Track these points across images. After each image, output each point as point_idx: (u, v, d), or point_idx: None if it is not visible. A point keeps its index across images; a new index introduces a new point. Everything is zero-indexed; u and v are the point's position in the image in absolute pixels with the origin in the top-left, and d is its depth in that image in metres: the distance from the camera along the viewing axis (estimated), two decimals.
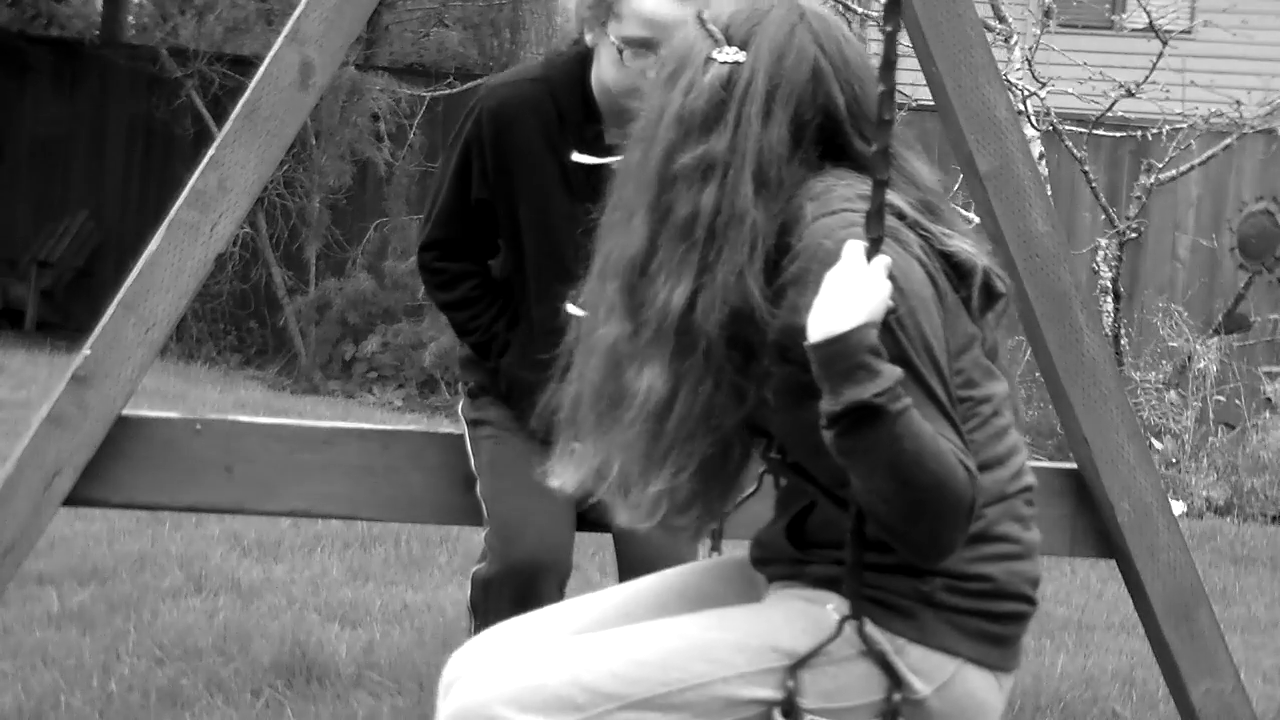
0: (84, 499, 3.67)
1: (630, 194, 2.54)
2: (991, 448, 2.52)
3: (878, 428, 2.30)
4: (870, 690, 2.48)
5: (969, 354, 2.51)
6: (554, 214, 3.71)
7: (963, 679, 2.49)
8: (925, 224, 2.51)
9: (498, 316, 3.86)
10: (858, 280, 2.35)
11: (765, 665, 2.48)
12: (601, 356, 2.55)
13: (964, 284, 2.52)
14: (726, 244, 2.44)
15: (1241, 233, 12.84)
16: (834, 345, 2.32)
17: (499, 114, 3.74)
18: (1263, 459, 10.18)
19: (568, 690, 2.46)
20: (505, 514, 3.67)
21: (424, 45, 19.04)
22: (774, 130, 2.47)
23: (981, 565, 2.49)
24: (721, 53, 2.50)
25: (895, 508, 2.34)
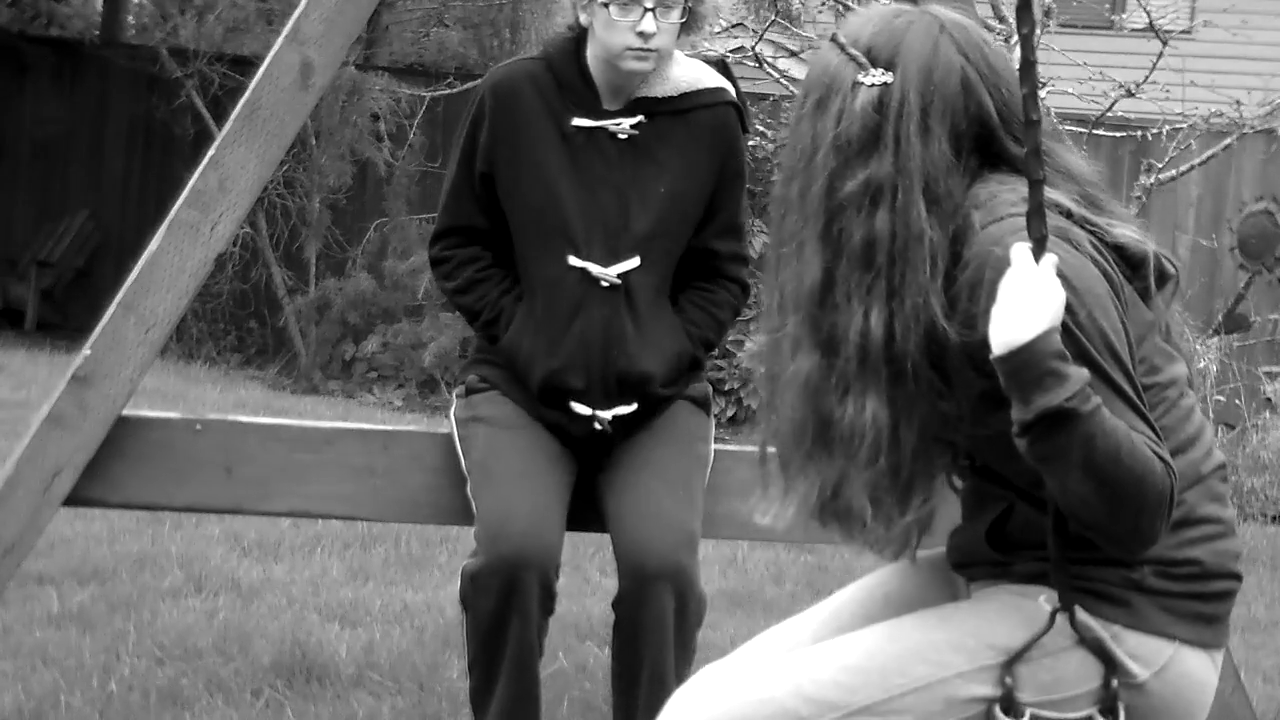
0: (84, 499, 3.67)
1: (796, 227, 2.53)
2: (1182, 430, 2.52)
3: (1071, 431, 2.30)
4: (1088, 679, 2.48)
5: (1149, 341, 2.51)
6: (554, 172, 3.82)
7: (1180, 660, 2.50)
8: (1091, 218, 2.51)
9: (505, 293, 3.91)
10: (1032, 285, 2.34)
11: (983, 662, 2.48)
12: (798, 391, 2.54)
13: (1137, 273, 2.52)
14: (909, 267, 2.43)
15: (1241, 233, 12.84)
16: (1019, 355, 2.32)
17: (499, 87, 3.88)
18: (1263, 459, 10.18)
19: (792, 702, 2.49)
20: (492, 507, 3.69)
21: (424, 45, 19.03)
22: (935, 146, 2.46)
23: (1189, 549, 2.49)
24: (868, 76, 2.49)
25: (1096, 507, 2.34)
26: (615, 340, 3.81)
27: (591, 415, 3.81)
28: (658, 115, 3.87)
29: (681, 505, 3.75)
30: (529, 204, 3.85)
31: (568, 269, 3.81)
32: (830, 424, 2.50)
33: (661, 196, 3.84)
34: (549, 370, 3.81)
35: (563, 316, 3.82)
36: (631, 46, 3.76)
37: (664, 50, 3.81)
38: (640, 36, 3.75)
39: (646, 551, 3.68)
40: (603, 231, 3.82)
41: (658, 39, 3.77)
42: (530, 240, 3.87)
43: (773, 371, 2.59)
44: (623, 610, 3.73)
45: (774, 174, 10.39)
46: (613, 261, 3.82)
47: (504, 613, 3.65)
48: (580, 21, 3.85)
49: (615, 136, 3.84)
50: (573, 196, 3.83)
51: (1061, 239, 2.41)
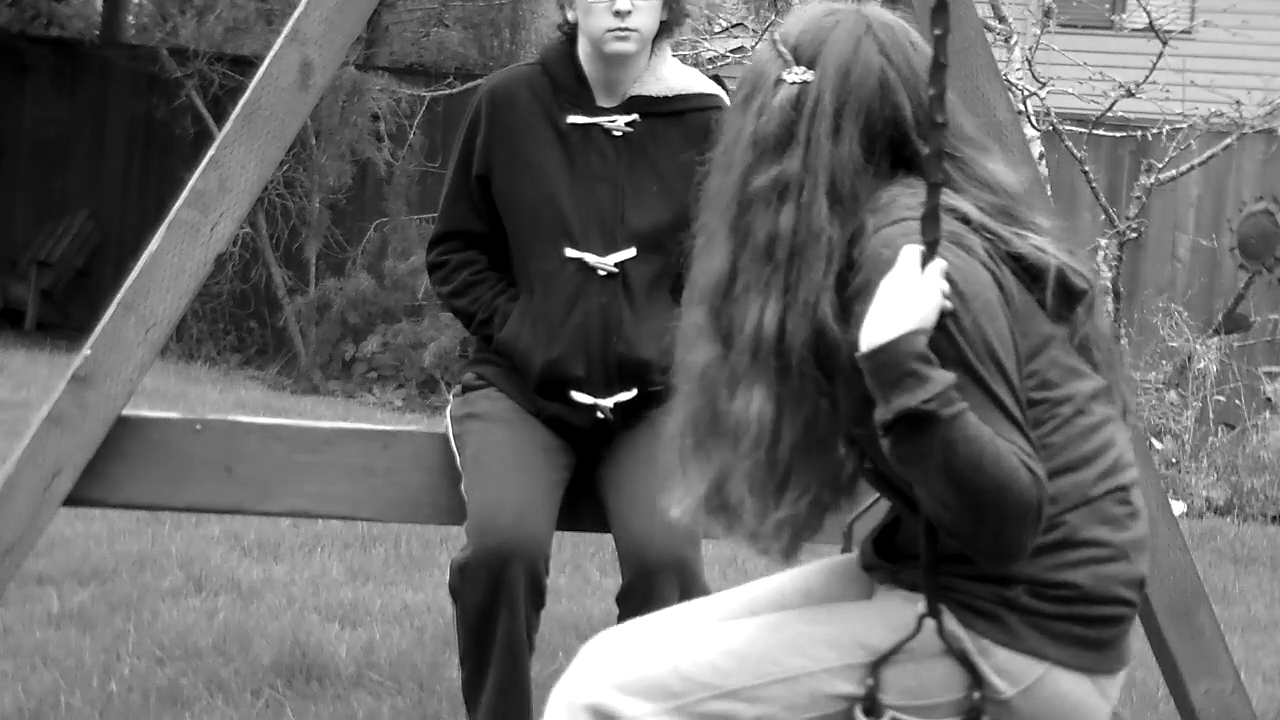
0: (84, 499, 3.68)
1: (711, 219, 2.57)
2: (1074, 448, 2.50)
3: (930, 434, 2.31)
4: (952, 688, 2.48)
5: (1045, 355, 2.50)
6: (551, 169, 3.87)
7: (1053, 682, 2.49)
8: (992, 226, 2.51)
9: (499, 294, 3.94)
10: (908, 286, 2.36)
11: (851, 661, 2.50)
12: (695, 381, 2.57)
13: (1037, 285, 2.51)
14: (805, 264, 2.46)
15: (1241, 233, 12.84)
16: (881, 354, 2.34)
17: (496, 91, 3.94)
18: (1263, 459, 10.18)
19: (668, 678, 2.53)
20: (481, 499, 3.71)
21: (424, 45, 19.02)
22: (844, 146, 2.48)
23: (1066, 572, 2.48)
24: (790, 73, 2.52)
25: (956, 512, 2.35)
26: (614, 327, 3.84)
27: (593, 404, 3.83)
28: (652, 115, 3.92)
29: None
30: (526, 200, 3.89)
31: (565, 260, 3.85)
32: (720, 416, 2.53)
33: (655, 194, 3.88)
34: (548, 359, 3.83)
35: (561, 307, 3.85)
36: (610, 28, 3.82)
37: (644, 31, 3.86)
38: (617, 16, 3.81)
39: (649, 545, 3.69)
40: (599, 224, 3.86)
41: (635, 18, 3.82)
42: (527, 235, 3.90)
43: (679, 361, 2.62)
44: (626, 605, 3.74)
45: None
46: (609, 252, 3.86)
47: (492, 605, 3.66)
48: (568, 19, 3.92)
49: (610, 133, 3.88)
50: (569, 191, 3.87)
51: (953, 244, 2.42)
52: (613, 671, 2.56)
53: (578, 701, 2.56)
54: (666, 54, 3.98)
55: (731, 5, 11.87)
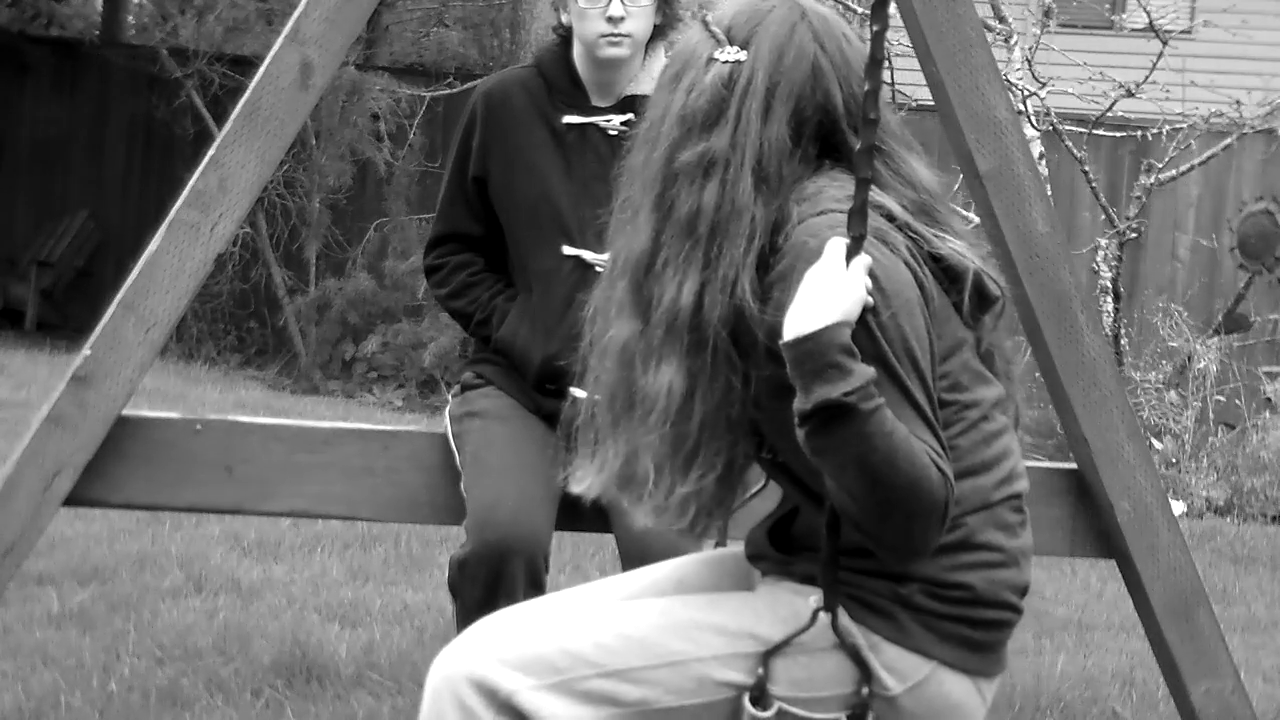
0: (84, 499, 3.67)
1: (637, 193, 2.59)
2: (977, 453, 2.53)
3: (847, 426, 2.32)
4: (841, 683, 2.50)
5: (957, 357, 2.53)
6: (547, 168, 3.89)
7: (938, 681, 2.52)
8: (916, 226, 2.53)
9: (497, 294, 3.96)
10: (834, 279, 2.38)
11: (740, 650, 2.52)
12: (615, 356, 2.59)
13: (954, 287, 2.54)
14: (727, 239, 2.48)
15: (1241, 233, 12.84)
16: (806, 343, 2.35)
17: (491, 93, 3.96)
18: (1263, 459, 10.18)
19: (553, 654, 2.53)
20: (481, 496, 3.71)
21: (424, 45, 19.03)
22: (774, 127, 2.51)
23: (961, 573, 2.51)
24: (723, 52, 2.55)
25: (866, 507, 2.37)
26: None
27: None
28: None
29: None
30: (523, 200, 3.90)
31: (563, 258, 3.86)
32: (635, 390, 2.54)
33: None
34: (547, 355, 3.84)
35: (559, 303, 3.85)
36: (604, 33, 3.84)
37: (637, 35, 3.87)
38: (610, 21, 3.83)
39: (651, 541, 3.69)
40: (595, 221, 3.87)
41: (628, 23, 3.84)
42: (525, 234, 3.91)
43: (598, 336, 2.65)
44: None
45: None
46: (606, 249, 3.86)
47: (491, 600, 3.66)
48: (563, 22, 3.95)
49: (606, 133, 3.90)
50: (566, 190, 3.88)
51: (878, 239, 2.45)
52: (498, 645, 2.56)
53: (458, 673, 2.55)
54: (661, 55, 3.99)
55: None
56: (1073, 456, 3.76)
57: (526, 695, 2.51)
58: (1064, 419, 3.71)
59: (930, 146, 3.09)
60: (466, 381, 3.98)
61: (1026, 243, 3.59)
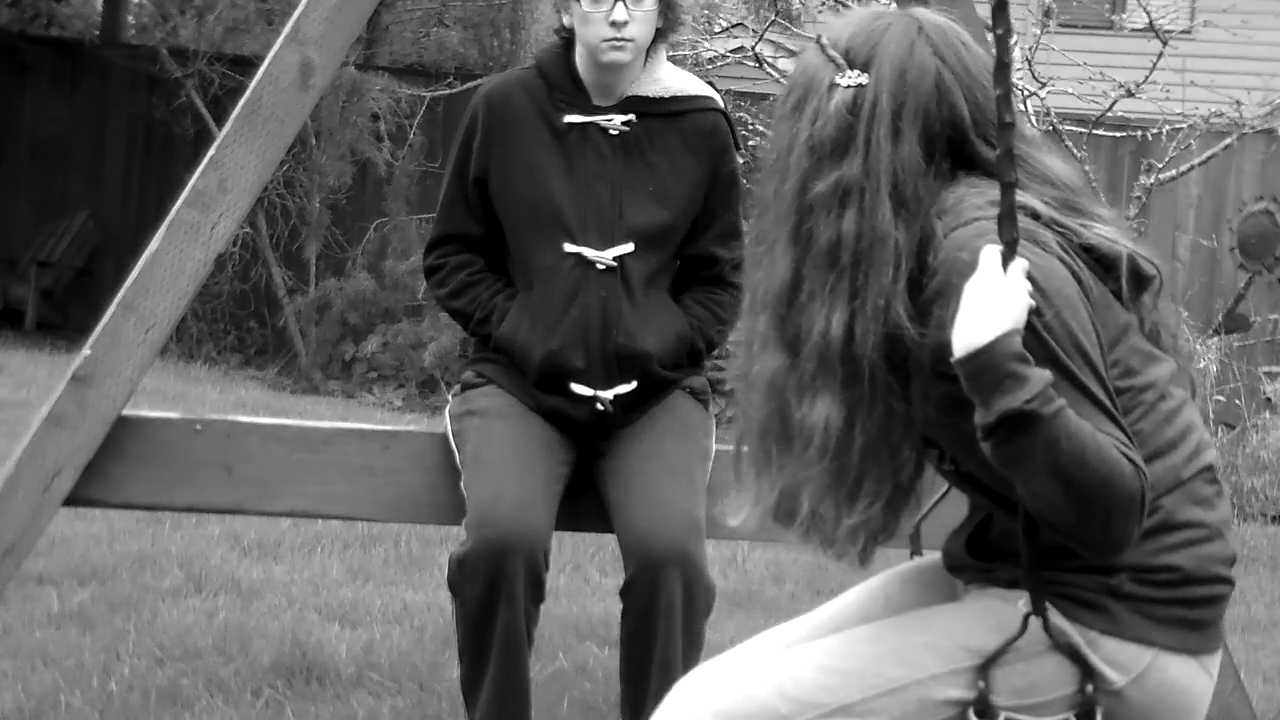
0: (84, 499, 3.68)
1: (770, 226, 2.55)
2: (1161, 434, 2.50)
3: (1033, 434, 2.30)
4: (1063, 684, 2.47)
5: (1125, 343, 2.50)
6: (548, 167, 3.89)
7: (1161, 668, 2.48)
8: (1062, 220, 2.50)
9: (497, 293, 3.96)
10: (996, 288, 2.34)
11: (957, 665, 2.49)
12: (763, 391, 2.55)
13: (1110, 274, 2.51)
14: (872, 268, 2.44)
15: (1241, 233, 12.84)
16: (979, 358, 2.32)
17: (492, 94, 3.97)
18: (1263, 459, 10.17)
19: (773, 700, 2.50)
20: (481, 493, 3.72)
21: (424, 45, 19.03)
22: (905, 148, 2.47)
23: (1168, 555, 2.48)
24: (844, 77, 2.50)
25: (1064, 510, 2.34)
26: (613, 320, 3.85)
27: (593, 396, 3.84)
28: (648, 116, 3.94)
29: (686, 493, 3.77)
30: (524, 198, 3.91)
31: (564, 256, 3.86)
32: (789, 424, 2.51)
33: (651, 194, 3.90)
34: (547, 351, 3.84)
35: (560, 301, 3.86)
36: (607, 38, 3.84)
37: (640, 40, 3.87)
38: (614, 26, 3.83)
39: (653, 538, 3.69)
40: (597, 220, 3.88)
41: (631, 28, 3.84)
42: (526, 233, 3.91)
43: (743, 371, 2.61)
44: (630, 598, 3.74)
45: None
46: (607, 247, 3.88)
47: (491, 598, 3.66)
48: (565, 24, 3.94)
49: (607, 132, 3.90)
50: (566, 188, 3.88)
51: (1029, 241, 2.41)
52: (710, 698, 2.54)
53: None
54: (662, 57, 4.00)
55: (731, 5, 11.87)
56: None
57: None
58: None
59: None
60: (467, 380, 3.98)
61: None
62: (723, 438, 4.07)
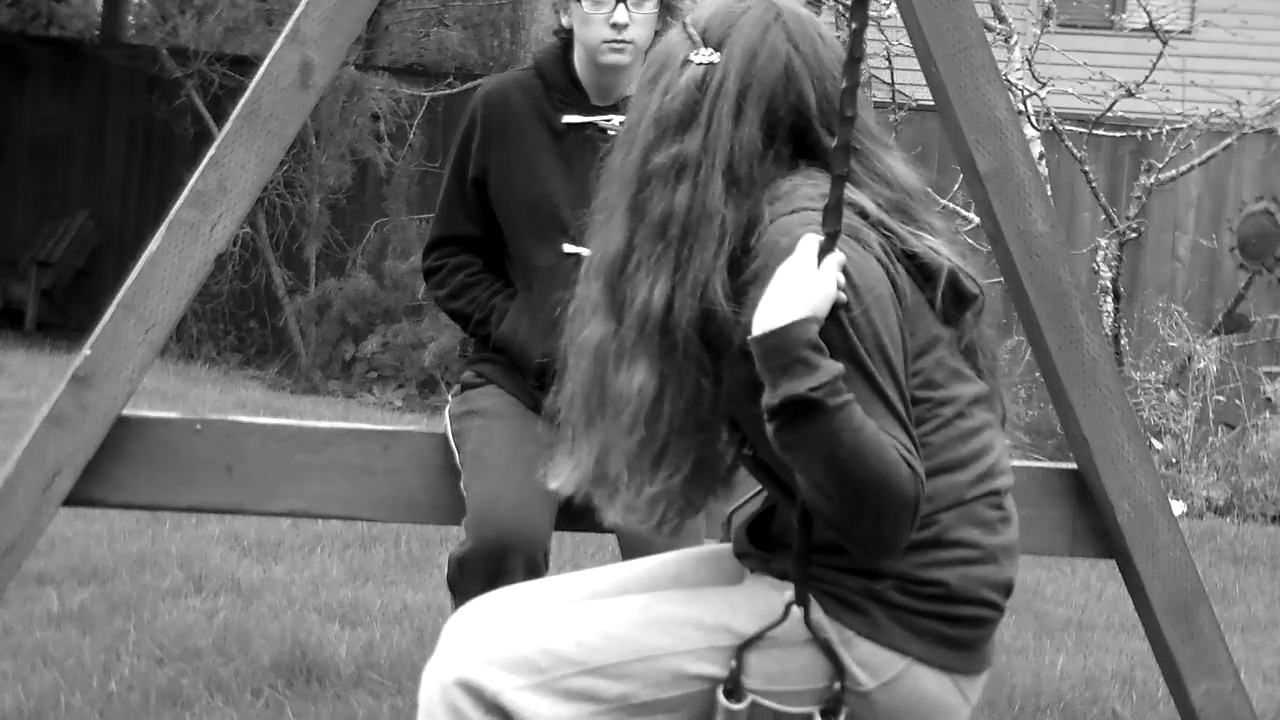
0: (84, 499, 3.67)
1: (613, 194, 2.61)
2: (952, 450, 2.53)
3: (815, 422, 2.33)
4: (814, 678, 2.51)
5: (931, 355, 2.53)
6: (546, 168, 3.90)
7: (913, 677, 2.52)
8: (890, 224, 2.54)
9: (495, 294, 3.97)
10: (805, 275, 2.39)
11: (715, 643, 2.53)
12: (589, 356, 2.60)
13: (929, 285, 2.54)
14: (697, 242, 2.49)
15: (1241, 233, 12.84)
16: (772, 339, 2.37)
17: (490, 95, 3.97)
18: (1263, 459, 10.18)
19: (536, 654, 2.56)
20: (480, 493, 3.72)
21: (424, 45, 19.04)
22: (745, 129, 2.52)
23: (935, 570, 2.51)
24: (698, 54, 2.56)
25: (835, 502, 2.38)
26: None
27: None
28: None
29: None
30: (523, 199, 3.91)
31: (563, 256, 3.87)
32: (607, 390, 2.56)
33: None
34: (546, 352, 3.84)
35: (559, 301, 3.85)
36: (606, 39, 3.84)
37: (639, 42, 3.88)
38: (614, 28, 3.83)
39: (653, 538, 3.69)
40: None
41: (632, 30, 3.85)
42: (524, 233, 3.92)
43: (572, 336, 2.66)
44: None
45: None
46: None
47: None
48: (564, 25, 3.95)
49: (606, 132, 3.90)
50: (565, 189, 3.89)
51: (850, 237, 2.46)
52: (482, 646, 2.59)
53: (448, 676, 2.60)
54: None
55: None
56: (1073, 456, 3.76)
57: (511, 695, 2.55)
58: (1064, 419, 3.71)
59: (930, 146, 3.10)
60: (466, 381, 3.98)
61: (1026, 243, 3.59)
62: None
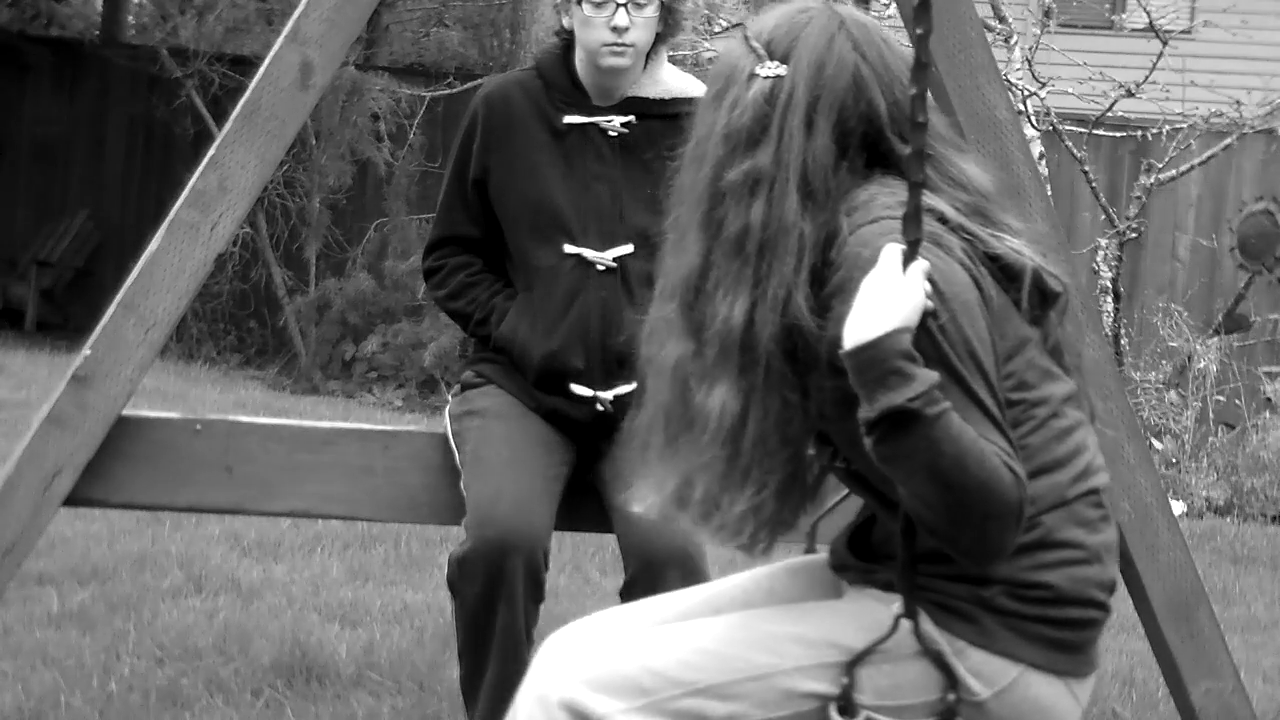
0: (84, 499, 3.67)
1: (685, 213, 2.57)
2: (1049, 450, 2.50)
3: (914, 432, 2.30)
4: (926, 690, 2.48)
5: (1021, 356, 2.51)
6: (547, 168, 3.89)
7: (1025, 684, 2.49)
8: (970, 227, 2.51)
9: (495, 294, 3.96)
10: (892, 285, 2.35)
11: (824, 660, 2.50)
12: (668, 377, 2.57)
13: (1014, 285, 2.51)
14: (776, 258, 2.46)
15: (1241, 233, 12.84)
16: (866, 352, 2.33)
17: (491, 96, 3.97)
18: (1263, 459, 10.18)
19: (639, 675, 2.52)
20: (480, 493, 3.72)
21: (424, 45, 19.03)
22: (817, 141, 2.49)
23: (1042, 573, 2.48)
24: (764, 67, 2.53)
25: (939, 512, 2.34)
26: (613, 320, 3.85)
27: (592, 396, 3.84)
28: (647, 117, 3.93)
29: None
30: (523, 199, 3.91)
31: (564, 256, 3.87)
32: (690, 410, 2.53)
33: (650, 196, 3.89)
34: (547, 352, 3.84)
35: (560, 301, 3.86)
36: (607, 42, 3.83)
37: (640, 45, 3.87)
38: (615, 31, 3.82)
39: (653, 538, 3.70)
40: (596, 220, 3.88)
41: (632, 33, 3.84)
42: (525, 234, 3.91)
43: (650, 356, 2.62)
44: (630, 598, 3.74)
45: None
46: (607, 248, 3.87)
47: (490, 598, 3.67)
48: (565, 26, 3.94)
49: (606, 133, 3.90)
50: (566, 189, 3.88)
51: (932, 243, 2.42)
52: (582, 667, 2.56)
53: (550, 697, 2.56)
54: (663, 58, 3.99)
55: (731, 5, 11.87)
56: None
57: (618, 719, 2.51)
58: None
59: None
60: (467, 381, 3.98)
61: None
62: None
